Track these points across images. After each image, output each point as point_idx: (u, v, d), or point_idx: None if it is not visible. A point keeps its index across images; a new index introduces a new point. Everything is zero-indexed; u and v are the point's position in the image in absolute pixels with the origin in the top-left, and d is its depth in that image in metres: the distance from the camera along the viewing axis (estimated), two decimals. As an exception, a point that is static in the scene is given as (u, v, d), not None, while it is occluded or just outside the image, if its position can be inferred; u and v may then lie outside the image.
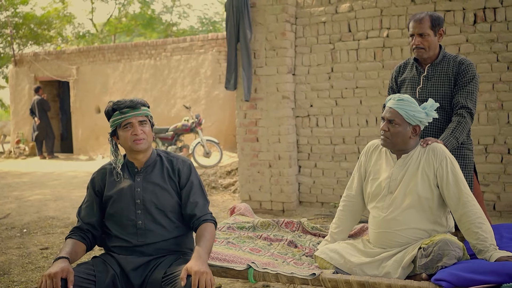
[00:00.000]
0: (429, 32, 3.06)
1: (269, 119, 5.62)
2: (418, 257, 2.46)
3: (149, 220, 2.48)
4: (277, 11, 5.51)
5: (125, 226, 2.49)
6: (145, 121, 2.49)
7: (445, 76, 3.10)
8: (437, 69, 3.13)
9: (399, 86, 3.32)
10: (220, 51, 11.53)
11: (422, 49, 3.09)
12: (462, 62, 3.09)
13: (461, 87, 3.04)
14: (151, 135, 2.52)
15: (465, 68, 3.07)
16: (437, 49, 3.14)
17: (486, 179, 4.80)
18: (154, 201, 2.50)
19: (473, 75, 3.07)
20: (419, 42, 3.08)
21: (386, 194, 2.69)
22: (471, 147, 3.20)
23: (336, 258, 2.70)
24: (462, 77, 3.06)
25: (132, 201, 2.49)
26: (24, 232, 5.45)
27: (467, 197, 2.52)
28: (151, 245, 2.49)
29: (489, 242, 2.39)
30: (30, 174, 10.34)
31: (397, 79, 3.33)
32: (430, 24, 3.06)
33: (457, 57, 3.14)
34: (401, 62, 3.35)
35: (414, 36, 3.10)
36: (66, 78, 13.50)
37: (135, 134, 2.44)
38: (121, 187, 2.52)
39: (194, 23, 21.80)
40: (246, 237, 3.27)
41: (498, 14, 4.69)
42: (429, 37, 3.07)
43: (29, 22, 19.15)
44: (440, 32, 3.11)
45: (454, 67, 3.09)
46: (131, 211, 2.48)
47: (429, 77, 3.14)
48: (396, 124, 2.62)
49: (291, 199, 5.60)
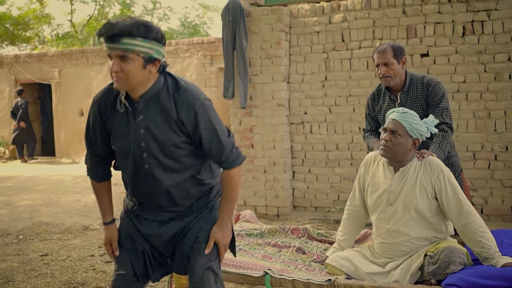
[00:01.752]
0: (392, 61, 3.26)
1: (264, 126, 5.75)
2: (425, 264, 2.62)
3: (156, 166, 2.17)
4: (272, 20, 5.64)
5: (130, 171, 2.22)
6: (125, 56, 1.96)
7: (417, 100, 3.32)
8: (409, 95, 3.34)
9: (377, 114, 3.53)
10: (206, 55, 11.62)
11: (388, 77, 3.30)
12: (429, 83, 3.30)
13: (435, 106, 3.25)
14: (137, 74, 2.00)
15: (433, 88, 3.29)
16: (403, 75, 3.35)
17: (474, 184, 5.03)
18: (156, 142, 2.14)
19: (442, 93, 3.29)
20: (385, 71, 3.28)
21: (386, 206, 2.82)
22: (455, 153, 3.45)
23: (347, 266, 2.84)
24: (433, 97, 3.27)
25: (136, 144, 2.15)
26: (21, 238, 5.46)
27: (468, 208, 2.68)
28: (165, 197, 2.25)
29: (493, 250, 2.57)
30: (14, 178, 10.22)
31: (374, 106, 3.54)
32: (392, 54, 3.26)
33: (424, 78, 3.34)
34: (374, 91, 3.55)
35: (379, 66, 3.30)
36: (48, 81, 13.37)
37: (111, 69, 1.99)
38: (122, 122, 2.17)
39: (176, 26, 21.77)
40: (255, 244, 3.39)
41: (486, 27, 4.92)
42: (393, 66, 3.27)
43: (4, 22, 18.86)
44: (403, 60, 3.32)
45: (423, 90, 3.31)
46: (137, 155, 2.16)
47: (403, 103, 3.34)
48: (399, 135, 2.76)
49: (285, 204, 5.74)
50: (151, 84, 2.09)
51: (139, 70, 2.00)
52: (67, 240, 5.32)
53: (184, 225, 2.30)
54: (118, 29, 1.94)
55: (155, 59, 2.03)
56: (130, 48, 1.95)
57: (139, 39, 1.96)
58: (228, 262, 2.97)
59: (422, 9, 5.15)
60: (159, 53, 2.04)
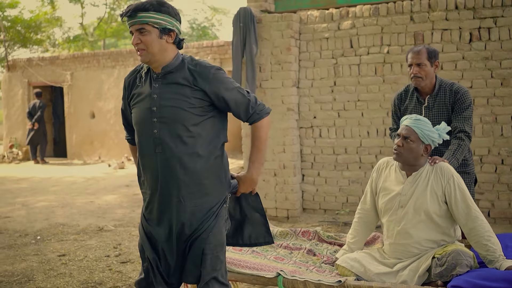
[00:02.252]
0: (426, 62, 3.36)
1: (274, 130, 5.88)
2: (433, 266, 2.74)
3: (165, 132, 2.31)
4: (282, 27, 5.77)
5: (144, 137, 2.37)
6: (143, 29, 2.22)
7: (444, 106, 3.42)
8: (436, 99, 3.44)
9: (402, 114, 3.62)
10: (215, 58, 11.77)
11: (419, 78, 3.40)
12: (458, 91, 3.40)
13: (459, 113, 3.36)
14: (155, 44, 2.24)
15: (461, 96, 3.39)
16: (433, 78, 3.44)
17: (481, 188, 5.12)
18: (170, 110, 2.30)
19: (469, 103, 3.39)
20: (417, 71, 3.38)
21: (397, 208, 2.95)
22: (472, 162, 3.52)
23: (357, 267, 2.96)
24: (460, 105, 3.37)
25: (149, 109, 2.32)
26: (38, 239, 5.62)
27: (475, 213, 2.80)
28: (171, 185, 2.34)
29: (498, 253, 2.68)
30: (28, 180, 10.43)
31: (400, 106, 3.63)
32: (427, 56, 3.37)
33: (453, 85, 3.44)
34: (401, 90, 3.65)
35: (412, 65, 3.40)
36: (60, 84, 13.60)
37: (134, 43, 2.25)
38: (141, 91, 2.38)
39: (185, 28, 21.96)
40: (268, 246, 3.52)
41: (492, 33, 5.02)
42: (425, 67, 3.37)
43: (16, 25, 19.13)
44: (436, 63, 3.42)
45: (451, 97, 3.40)
46: (148, 120, 2.33)
47: (430, 107, 3.45)
48: (411, 141, 2.89)
49: (295, 206, 5.87)
50: (171, 58, 2.34)
51: (156, 40, 2.26)
52: (83, 241, 5.47)
53: (181, 226, 2.36)
54: (135, 6, 2.23)
55: (170, 30, 2.28)
56: (145, 20, 2.22)
57: (152, 12, 2.23)
58: (242, 263, 3.09)
59: (430, 16, 5.25)
60: (172, 25, 2.29)
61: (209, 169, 2.38)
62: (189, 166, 2.33)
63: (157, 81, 2.33)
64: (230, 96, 2.35)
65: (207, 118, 2.36)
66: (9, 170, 12.16)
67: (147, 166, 2.40)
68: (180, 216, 2.37)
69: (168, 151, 2.31)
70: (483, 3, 5.01)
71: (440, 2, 5.20)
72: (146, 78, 2.38)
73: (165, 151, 2.32)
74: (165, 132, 2.31)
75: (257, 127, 2.46)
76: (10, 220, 6.58)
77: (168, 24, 2.27)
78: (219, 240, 2.42)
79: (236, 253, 3.33)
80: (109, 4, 20.09)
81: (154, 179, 2.38)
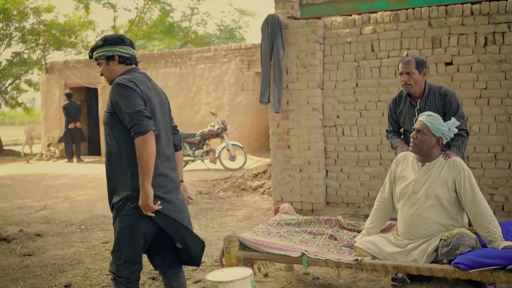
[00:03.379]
0: (414, 71, 3.79)
1: (300, 129, 6.27)
2: (440, 246, 3.11)
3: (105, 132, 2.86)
4: (308, 32, 6.15)
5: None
6: (98, 63, 2.89)
7: (435, 107, 3.81)
8: (427, 102, 3.84)
9: (398, 116, 4.03)
10: (243, 60, 12.21)
11: (409, 85, 3.82)
12: (446, 94, 3.81)
13: (453, 115, 3.73)
14: (105, 70, 2.87)
15: (450, 98, 3.79)
16: (422, 85, 3.85)
17: (495, 183, 5.42)
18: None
19: (458, 103, 3.79)
20: (406, 79, 3.81)
21: (412, 194, 3.34)
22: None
23: (373, 248, 3.35)
24: (450, 107, 3.77)
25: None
26: (83, 228, 6.14)
27: (480, 200, 3.18)
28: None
29: (497, 235, 3.04)
30: (66, 176, 11.05)
31: (395, 110, 4.05)
32: (415, 65, 3.79)
33: (441, 89, 3.85)
34: (396, 95, 4.08)
35: (402, 74, 3.80)
36: (95, 85, 14.24)
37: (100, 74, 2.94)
38: None
39: (212, 30, 22.51)
40: (294, 232, 3.93)
41: (506, 38, 5.30)
42: (414, 75, 3.79)
43: (52, 29, 19.93)
44: (424, 71, 3.83)
45: (441, 99, 3.81)
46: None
47: (422, 109, 3.84)
48: (423, 133, 3.29)
49: (319, 200, 6.25)
50: (118, 74, 2.89)
51: (105, 67, 2.89)
52: (124, 230, 5.96)
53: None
54: (91, 48, 2.92)
55: (111, 56, 2.85)
56: (95, 57, 2.90)
57: (97, 49, 2.87)
58: (271, 245, 3.52)
59: (447, 21, 5.55)
60: (112, 51, 2.85)
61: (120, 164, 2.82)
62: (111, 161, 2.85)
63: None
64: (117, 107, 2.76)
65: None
66: (48, 167, 12.83)
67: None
68: None
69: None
70: (497, 9, 5.29)
71: (456, 8, 5.49)
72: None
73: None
74: (105, 134, 2.88)
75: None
76: (56, 212, 7.14)
77: (108, 52, 2.84)
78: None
79: (265, 237, 3.75)
80: (141, 8, 20.77)
81: None
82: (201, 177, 9.79)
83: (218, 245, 5.07)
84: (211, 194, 8.04)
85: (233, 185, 8.36)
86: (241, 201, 7.47)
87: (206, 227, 5.97)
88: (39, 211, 7.19)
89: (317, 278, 4.01)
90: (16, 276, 4.43)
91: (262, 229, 3.93)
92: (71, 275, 4.41)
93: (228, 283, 2.81)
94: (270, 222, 4.09)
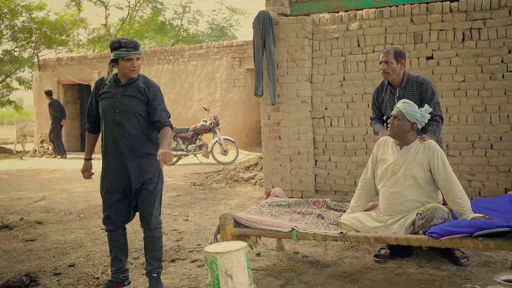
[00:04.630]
0: (392, 61, 4.08)
1: (290, 120, 6.58)
2: (416, 220, 3.44)
3: (123, 117, 3.44)
4: (297, 28, 6.46)
5: (108, 120, 3.47)
6: (140, 57, 3.49)
7: (412, 95, 4.11)
8: (406, 90, 4.14)
9: (380, 104, 4.34)
10: (234, 57, 12.49)
11: (387, 73, 4.13)
12: (423, 82, 4.11)
13: (429, 101, 4.03)
14: (140, 67, 3.51)
15: (425, 87, 4.09)
16: (401, 74, 4.15)
17: (473, 170, 5.76)
18: (127, 104, 3.45)
19: (433, 90, 4.08)
20: (385, 68, 4.12)
21: (392, 175, 3.66)
22: (441, 138, 4.23)
23: (356, 223, 3.67)
24: (426, 94, 4.07)
25: (113, 103, 3.45)
26: (81, 216, 6.39)
27: (452, 178, 3.50)
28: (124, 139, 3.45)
29: (467, 208, 3.37)
30: (61, 171, 11.24)
31: (378, 98, 4.37)
32: (393, 55, 4.08)
33: (418, 78, 4.15)
34: (378, 85, 4.38)
35: (382, 63, 4.11)
36: (88, 82, 14.45)
37: (132, 66, 3.42)
38: (109, 91, 3.50)
39: (204, 28, 22.77)
40: (284, 212, 4.24)
41: (482, 33, 5.64)
42: (392, 65, 4.09)
43: (43, 26, 20.07)
44: (402, 62, 4.11)
45: (418, 88, 4.11)
46: (113, 110, 3.45)
47: (401, 97, 4.14)
48: (399, 119, 3.61)
49: (308, 188, 6.56)
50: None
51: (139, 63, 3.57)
52: (122, 217, 6.22)
53: None
54: (138, 43, 3.53)
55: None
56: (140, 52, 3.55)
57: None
58: (264, 222, 3.81)
59: (427, 18, 5.88)
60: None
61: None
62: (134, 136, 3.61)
63: (121, 86, 3.51)
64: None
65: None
66: (42, 163, 12.98)
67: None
68: None
69: (123, 128, 3.53)
70: (474, 7, 5.64)
71: (436, 5, 5.83)
72: (111, 84, 3.55)
73: (121, 127, 3.54)
74: (123, 118, 3.54)
75: (162, 131, 3.55)
76: (54, 202, 7.39)
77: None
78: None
79: (258, 215, 4.05)
80: (132, 6, 20.96)
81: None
82: (194, 170, 10.06)
83: (212, 230, 5.35)
84: (205, 186, 8.32)
85: (226, 177, 8.64)
86: (233, 191, 7.76)
87: (200, 214, 6.25)
88: (38, 201, 7.43)
89: (306, 256, 4.30)
90: (21, 258, 4.68)
91: (254, 209, 4.23)
92: (74, 257, 4.66)
93: (225, 253, 3.11)
94: (262, 204, 4.39)
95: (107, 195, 3.61)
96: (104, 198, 3.64)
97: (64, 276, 4.12)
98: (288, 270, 3.94)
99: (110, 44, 3.50)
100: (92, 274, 4.14)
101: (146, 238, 3.60)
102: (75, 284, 3.92)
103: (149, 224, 3.56)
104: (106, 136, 3.55)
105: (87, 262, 4.50)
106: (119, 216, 3.61)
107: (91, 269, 4.28)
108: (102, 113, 3.53)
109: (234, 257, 3.11)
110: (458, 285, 3.38)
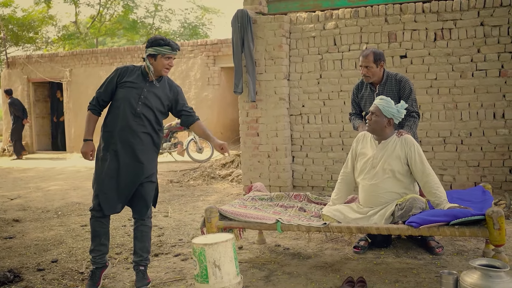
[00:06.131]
0: (372, 65, 4.20)
1: (268, 117, 6.69)
2: (396, 210, 3.59)
3: (144, 110, 3.54)
4: (275, 27, 6.57)
5: (126, 108, 3.52)
6: (174, 58, 3.65)
7: (391, 92, 4.26)
8: (385, 87, 4.29)
9: (359, 100, 4.48)
10: (209, 55, 12.52)
11: (368, 77, 4.26)
12: (401, 80, 4.26)
13: (407, 98, 4.18)
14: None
15: (404, 84, 4.24)
16: (380, 74, 4.28)
17: (444, 165, 6.00)
18: (150, 101, 3.56)
19: (410, 88, 4.24)
20: (365, 72, 4.24)
21: (371, 169, 3.81)
22: (416, 133, 4.38)
23: (338, 215, 3.80)
24: (404, 91, 4.22)
25: (137, 95, 3.53)
26: (59, 214, 6.34)
27: (428, 170, 3.67)
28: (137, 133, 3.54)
29: (443, 198, 3.55)
30: (33, 170, 11.07)
31: (358, 94, 4.50)
32: (373, 59, 4.20)
33: (397, 75, 4.30)
34: (358, 82, 4.51)
35: (362, 67, 4.24)
36: (59, 80, 14.22)
37: (169, 65, 3.56)
38: (136, 82, 3.57)
39: (176, 27, 22.68)
40: (267, 205, 4.34)
41: (453, 33, 5.87)
42: (372, 69, 4.22)
43: (9, 23, 19.63)
44: (381, 64, 4.24)
45: (396, 85, 4.25)
46: (135, 100, 3.52)
47: (380, 93, 4.28)
48: (376, 115, 3.76)
49: (286, 184, 6.68)
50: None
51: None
52: (101, 214, 6.21)
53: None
54: (178, 46, 3.64)
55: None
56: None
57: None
58: (248, 215, 3.90)
59: (401, 18, 6.08)
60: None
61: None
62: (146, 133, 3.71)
63: (149, 83, 3.61)
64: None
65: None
66: (11, 163, 12.74)
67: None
68: None
69: (141, 120, 3.62)
70: (445, 8, 5.86)
71: (409, 6, 6.04)
72: (139, 77, 3.64)
73: (139, 119, 3.65)
74: (145, 110, 3.62)
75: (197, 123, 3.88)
76: (30, 200, 7.30)
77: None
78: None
79: (242, 209, 4.14)
80: (103, 3, 20.70)
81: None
82: (170, 168, 10.07)
83: (193, 225, 5.42)
84: (182, 183, 8.36)
85: (203, 174, 8.70)
86: (211, 188, 7.83)
87: (180, 210, 6.30)
88: (13, 199, 7.33)
89: (287, 248, 4.41)
90: (2, 255, 4.63)
91: (238, 203, 4.31)
92: (56, 253, 4.64)
93: (213, 244, 3.18)
94: (245, 198, 4.48)
95: (106, 179, 3.54)
96: (101, 181, 3.57)
97: (48, 271, 4.11)
98: (271, 262, 4.03)
99: (153, 40, 3.57)
100: (76, 269, 4.15)
101: (138, 228, 3.64)
102: (60, 279, 3.92)
103: (144, 214, 3.62)
104: (114, 123, 3.54)
105: (70, 258, 4.50)
106: (109, 205, 3.58)
107: (74, 264, 4.29)
108: (120, 100, 3.54)
109: (221, 248, 3.18)
110: (435, 272, 3.54)
